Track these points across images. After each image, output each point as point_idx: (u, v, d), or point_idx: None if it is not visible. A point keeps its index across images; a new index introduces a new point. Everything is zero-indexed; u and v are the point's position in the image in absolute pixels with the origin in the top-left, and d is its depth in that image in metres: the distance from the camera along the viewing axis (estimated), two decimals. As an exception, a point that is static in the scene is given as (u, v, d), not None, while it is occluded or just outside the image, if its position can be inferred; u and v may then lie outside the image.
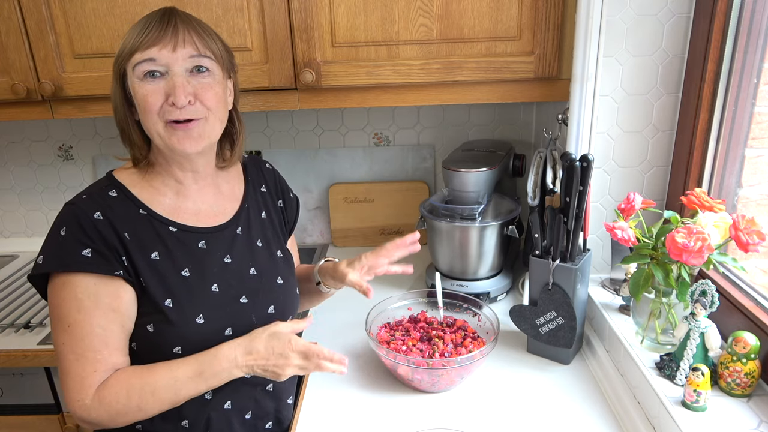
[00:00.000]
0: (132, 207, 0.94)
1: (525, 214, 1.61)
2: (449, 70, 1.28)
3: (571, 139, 1.23)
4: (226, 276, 0.98)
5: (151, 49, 0.88)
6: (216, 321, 0.95)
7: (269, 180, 1.15)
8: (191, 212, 1.00)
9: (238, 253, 1.02)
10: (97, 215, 0.90)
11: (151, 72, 0.88)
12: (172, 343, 0.92)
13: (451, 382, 1.10)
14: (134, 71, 0.89)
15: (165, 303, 0.91)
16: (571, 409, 1.04)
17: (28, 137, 1.82)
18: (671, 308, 1.01)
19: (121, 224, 0.91)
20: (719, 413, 0.88)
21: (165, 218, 0.96)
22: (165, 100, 0.89)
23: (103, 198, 0.93)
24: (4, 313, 1.46)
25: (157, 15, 0.91)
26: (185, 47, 0.89)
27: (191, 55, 0.90)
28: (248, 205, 1.08)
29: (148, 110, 0.89)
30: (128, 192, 0.95)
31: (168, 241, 0.95)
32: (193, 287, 0.95)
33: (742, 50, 1.05)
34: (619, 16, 1.14)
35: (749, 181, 1.07)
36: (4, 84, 1.32)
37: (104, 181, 0.98)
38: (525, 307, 1.18)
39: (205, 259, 0.97)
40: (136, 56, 0.88)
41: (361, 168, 1.81)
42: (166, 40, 0.88)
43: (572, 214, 1.09)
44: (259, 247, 1.06)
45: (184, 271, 0.94)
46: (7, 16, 1.27)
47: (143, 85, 0.89)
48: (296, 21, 1.26)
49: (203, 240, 0.98)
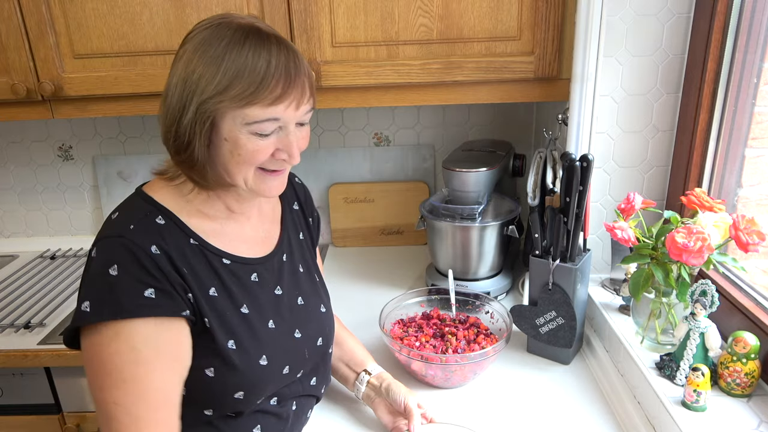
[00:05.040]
0: (183, 237, 0.81)
1: (525, 214, 1.61)
2: (449, 70, 1.28)
3: (571, 139, 1.23)
4: (279, 309, 0.90)
5: (277, 106, 0.75)
6: (276, 360, 0.86)
7: (300, 196, 1.05)
8: (239, 239, 0.88)
9: (286, 283, 0.93)
10: (154, 249, 0.76)
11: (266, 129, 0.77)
12: (233, 389, 0.82)
13: (464, 378, 1.10)
14: (245, 125, 0.75)
15: (228, 344, 0.81)
16: (571, 409, 1.04)
17: (28, 137, 1.82)
18: (671, 308, 1.01)
19: (178, 257, 0.78)
20: (719, 413, 0.88)
21: (218, 249, 0.84)
22: (272, 155, 0.80)
23: (153, 227, 0.78)
24: (4, 313, 1.46)
25: (281, 58, 0.75)
26: (307, 103, 0.79)
27: (309, 110, 0.80)
28: (287, 227, 0.99)
29: (249, 162, 0.78)
30: (176, 218, 0.81)
31: (223, 275, 0.83)
32: (254, 325, 0.85)
33: (742, 50, 1.05)
34: (619, 16, 1.14)
35: (749, 181, 1.07)
36: (4, 84, 1.32)
37: (142, 203, 0.82)
38: (525, 307, 1.18)
39: (258, 293, 0.87)
40: (254, 111, 0.74)
41: (361, 168, 1.81)
42: (293, 96, 0.76)
43: (572, 214, 1.09)
44: (302, 273, 0.97)
45: (243, 308, 0.84)
46: (7, 16, 1.27)
47: (253, 139, 0.77)
48: (296, 21, 1.26)
49: (255, 272, 0.88)
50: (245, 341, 0.83)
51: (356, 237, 1.83)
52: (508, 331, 1.14)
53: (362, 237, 1.82)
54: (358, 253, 1.77)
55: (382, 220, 1.81)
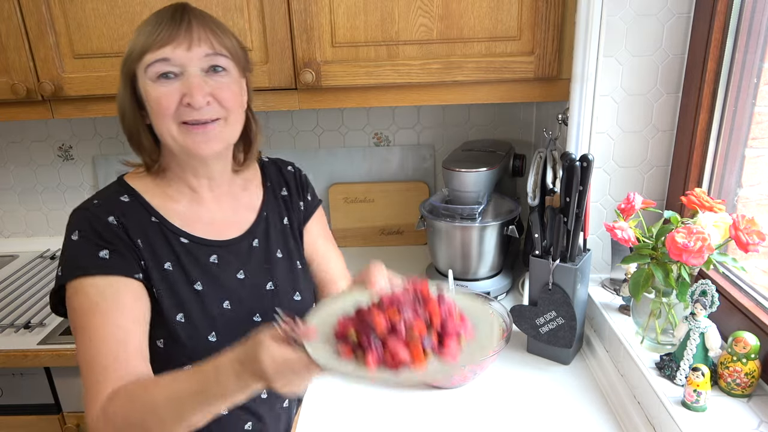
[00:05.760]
0: (144, 214, 0.90)
1: (525, 214, 1.61)
2: (449, 70, 1.28)
3: (571, 139, 1.23)
4: (239, 292, 0.93)
5: (164, 48, 0.82)
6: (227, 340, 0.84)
7: (290, 182, 1.09)
8: (205, 222, 0.95)
9: (253, 268, 0.96)
10: (111, 219, 0.85)
11: (165, 73, 0.83)
12: (182, 362, 0.85)
13: (464, 378, 1.11)
14: (146, 72, 0.84)
15: (177, 317, 0.87)
16: (571, 409, 1.04)
17: (28, 137, 1.82)
18: (671, 308, 1.01)
19: (134, 230, 0.87)
20: (719, 413, 0.88)
21: (177, 228, 0.92)
22: (180, 102, 0.84)
23: (115, 202, 0.89)
24: (4, 313, 1.46)
25: (169, 12, 0.85)
26: (201, 45, 0.84)
27: (207, 53, 0.85)
28: (267, 213, 1.02)
29: (162, 113, 0.84)
30: (141, 198, 0.91)
31: (179, 252, 0.90)
32: (207, 303, 0.90)
33: (742, 50, 1.04)
34: (619, 16, 1.14)
35: (749, 181, 1.07)
36: (4, 84, 1.32)
37: (115, 185, 0.93)
38: (525, 307, 1.18)
39: (217, 274, 0.92)
40: (147, 57, 0.83)
41: (361, 168, 1.81)
42: (180, 39, 0.83)
43: (572, 214, 1.09)
44: (279, 258, 1.01)
45: (196, 284, 0.90)
46: (7, 17, 1.27)
47: (156, 87, 0.84)
48: (296, 21, 1.26)
49: (215, 254, 0.93)
50: (195, 316, 0.88)
51: (356, 237, 1.82)
52: (508, 331, 1.14)
53: (362, 237, 1.82)
54: (358, 254, 1.77)
55: (382, 220, 1.81)
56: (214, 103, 0.86)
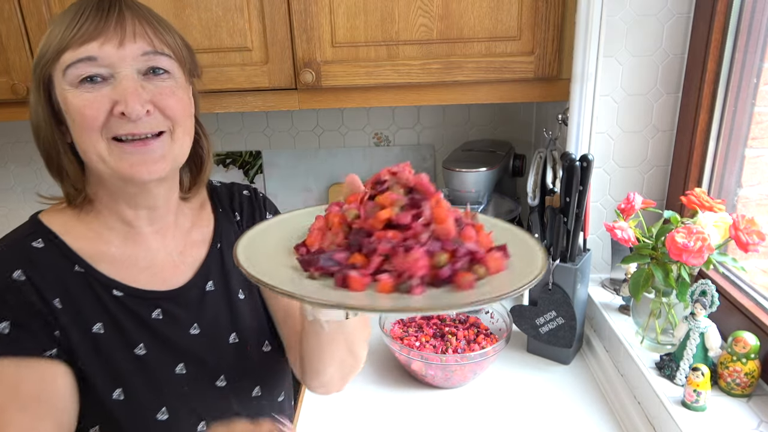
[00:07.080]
0: (64, 263, 0.70)
1: (525, 214, 1.61)
2: (449, 70, 1.28)
3: (571, 139, 1.23)
4: (195, 351, 0.75)
5: (88, 44, 0.65)
6: (185, 415, 0.73)
7: (245, 205, 0.89)
8: (143, 266, 0.75)
9: (210, 318, 0.78)
10: (17, 275, 0.67)
11: (89, 77, 0.66)
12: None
13: (464, 378, 1.11)
14: (65, 76, 0.66)
15: (113, 395, 0.69)
16: (571, 409, 1.04)
17: (29, 137, 1.81)
18: (671, 308, 1.01)
19: (49, 288, 0.68)
20: (719, 413, 0.88)
21: (107, 278, 0.72)
22: (110, 112, 0.66)
23: (24, 251, 0.69)
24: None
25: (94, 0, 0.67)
26: (136, 42, 0.67)
27: (145, 51, 0.68)
28: (221, 245, 0.82)
29: (87, 126, 0.66)
30: (59, 241, 0.71)
31: (112, 309, 0.71)
32: (153, 371, 0.72)
33: (742, 50, 1.04)
34: (619, 16, 1.14)
35: (749, 181, 1.07)
36: (4, 84, 1.32)
37: (27, 226, 0.73)
38: (525, 307, 1.18)
39: (164, 331, 0.74)
40: (66, 56, 0.65)
41: (361, 168, 1.80)
42: (110, 33, 0.65)
43: (572, 214, 1.09)
44: (242, 300, 0.82)
45: (138, 348, 0.72)
46: (7, 17, 1.27)
47: (78, 93, 0.66)
48: (296, 21, 1.26)
49: (158, 308, 0.74)
50: (138, 391, 0.71)
51: (356, 237, 1.82)
52: (508, 331, 1.14)
53: (362, 237, 1.82)
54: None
55: (382, 220, 1.81)
56: (155, 113, 0.68)
